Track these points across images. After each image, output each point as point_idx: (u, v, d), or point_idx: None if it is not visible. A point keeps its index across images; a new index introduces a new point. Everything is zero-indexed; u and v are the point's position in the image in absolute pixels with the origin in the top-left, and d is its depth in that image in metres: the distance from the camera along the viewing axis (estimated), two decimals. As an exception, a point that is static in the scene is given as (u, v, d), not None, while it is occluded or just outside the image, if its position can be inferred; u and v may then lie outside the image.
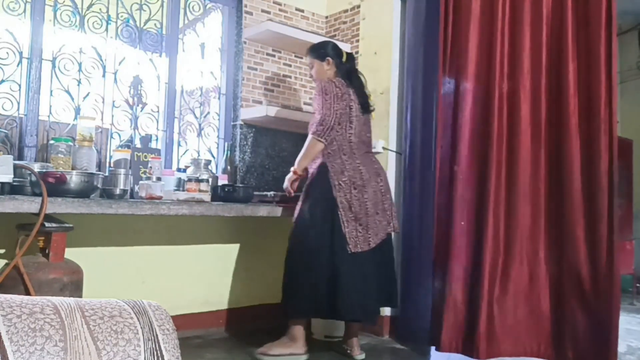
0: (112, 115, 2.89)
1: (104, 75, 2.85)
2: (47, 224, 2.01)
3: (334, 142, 2.57)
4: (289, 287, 2.56)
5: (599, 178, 2.32)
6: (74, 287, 2.06)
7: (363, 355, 2.65)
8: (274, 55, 3.48)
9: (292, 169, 2.66)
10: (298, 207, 2.61)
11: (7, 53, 2.57)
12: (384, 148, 3.18)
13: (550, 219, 2.50)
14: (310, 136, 2.57)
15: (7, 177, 2.01)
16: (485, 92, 2.63)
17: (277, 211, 2.75)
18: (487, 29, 2.66)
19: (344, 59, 2.77)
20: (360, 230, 2.51)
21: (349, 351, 2.66)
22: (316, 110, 2.59)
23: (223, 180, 2.96)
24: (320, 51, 2.78)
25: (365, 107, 2.71)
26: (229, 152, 3.16)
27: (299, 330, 2.54)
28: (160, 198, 2.45)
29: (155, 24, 3.05)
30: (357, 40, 3.45)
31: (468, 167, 2.66)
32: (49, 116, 2.67)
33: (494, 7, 2.63)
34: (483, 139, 2.62)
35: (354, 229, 2.50)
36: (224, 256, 3.17)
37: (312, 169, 2.64)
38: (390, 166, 3.18)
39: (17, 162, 2.13)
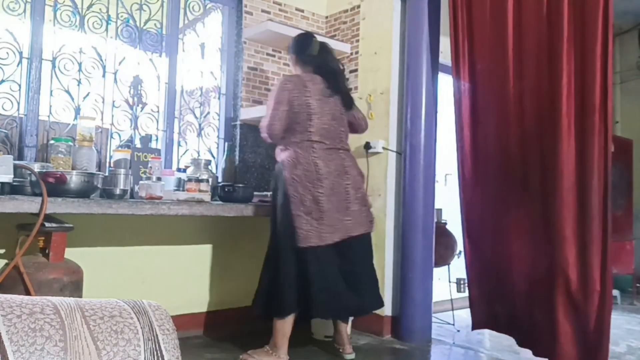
0: (112, 115, 2.89)
1: (104, 75, 2.85)
2: (47, 224, 2.01)
3: (292, 137, 2.53)
4: (259, 288, 2.58)
5: (592, 178, 2.31)
6: (74, 287, 2.06)
7: (353, 355, 2.62)
8: (274, 55, 3.48)
9: None
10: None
11: (7, 53, 2.57)
12: (384, 148, 3.18)
13: (543, 219, 2.49)
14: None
15: (7, 177, 2.01)
16: (502, 93, 2.65)
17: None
18: (497, 30, 2.68)
19: (315, 52, 2.64)
20: (314, 224, 2.43)
21: (340, 350, 2.64)
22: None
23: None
24: (289, 46, 2.73)
25: (345, 103, 2.65)
26: (229, 152, 3.16)
27: (282, 338, 2.47)
28: (160, 198, 2.45)
29: (155, 24, 3.05)
30: (357, 40, 3.45)
31: (493, 167, 2.69)
32: (49, 116, 2.67)
33: (503, 9, 2.64)
34: (501, 140, 2.66)
35: (306, 222, 2.43)
36: (224, 256, 3.17)
37: (278, 162, 2.63)
38: (390, 166, 3.18)
39: (17, 162, 2.13)
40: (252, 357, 2.49)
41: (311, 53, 2.63)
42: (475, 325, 2.77)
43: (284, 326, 2.46)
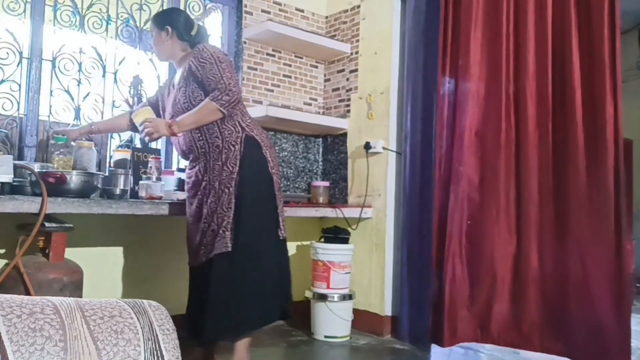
0: (112, 115, 2.89)
1: (104, 75, 2.85)
2: (47, 224, 2.01)
3: (246, 115, 2.26)
4: (237, 300, 2.09)
5: (605, 177, 2.33)
6: (74, 287, 2.06)
7: None
8: (274, 55, 3.48)
9: (170, 122, 2.14)
10: (226, 194, 2.12)
11: (7, 53, 2.57)
12: (384, 148, 3.18)
13: (557, 220, 2.50)
14: (210, 102, 2.09)
15: (7, 177, 2.01)
16: (490, 93, 2.64)
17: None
18: (491, 30, 2.67)
19: (194, 32, 2.32)
20: (282, 215, 2.27)
21: None
22: (212, 80, 2.12)
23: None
24: (161, 17, 2.34)
25: None
26: (229, 152, 3.16)
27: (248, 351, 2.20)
28: (160, 198, 2.45)
29: (155, 24, 3.05)
30: (357, 40, 3.45)
31: (471, 167, 2.67)
32: (49, 116, 2.67)
33: (498, 8, 2.63)
34: (489, 140, 2.63)
35: (282, 211, 2.27)
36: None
37: (228, 143, 2.16)
38: (390, 166, 3.18)
39: (17, 162, 2.13)
40: None
41: (193, 33, 2.32)
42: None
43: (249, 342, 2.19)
